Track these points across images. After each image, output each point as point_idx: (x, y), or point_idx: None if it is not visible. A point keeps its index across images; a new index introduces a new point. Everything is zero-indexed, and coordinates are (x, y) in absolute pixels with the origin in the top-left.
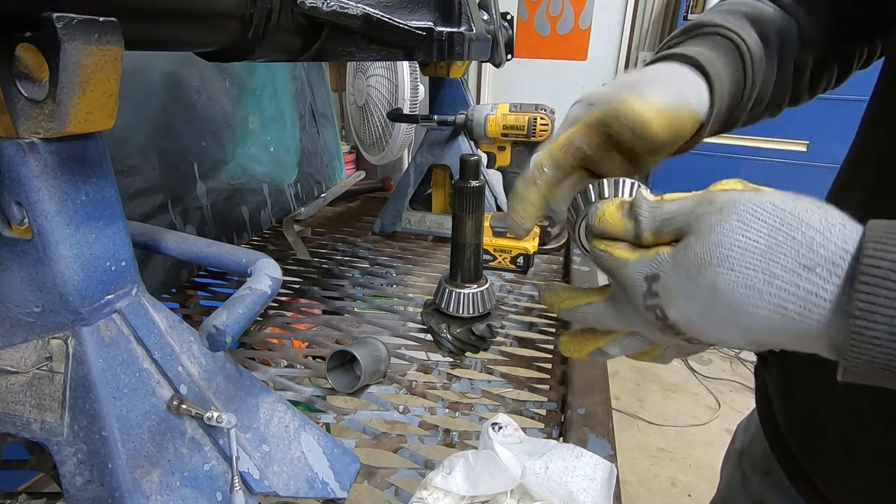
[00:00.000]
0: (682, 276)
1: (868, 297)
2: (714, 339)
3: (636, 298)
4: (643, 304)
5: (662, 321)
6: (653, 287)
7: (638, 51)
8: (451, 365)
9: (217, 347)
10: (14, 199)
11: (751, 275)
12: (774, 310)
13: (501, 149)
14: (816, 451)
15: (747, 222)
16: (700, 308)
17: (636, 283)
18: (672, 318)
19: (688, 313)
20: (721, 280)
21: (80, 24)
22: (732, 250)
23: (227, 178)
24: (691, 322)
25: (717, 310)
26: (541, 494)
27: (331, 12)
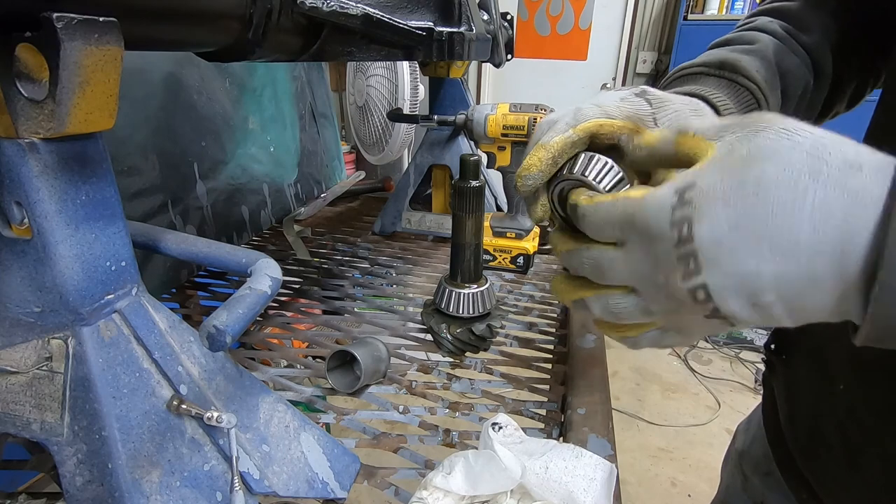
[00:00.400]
0: (724, 174)
1: None
2: (735, 272)
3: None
4: (667, 219)
5: (682, 245)
6: (685, 195)
7: (638, 51)
8: (451, 365)
9: (217, 347)
10: (14, 199)
11: (798, 167)
12: (817, 208)
13: (501, 149)
14: (817, 457)
15: (793, 128)
16: (734, 214)
17: (664, 200)
18: (697, 236)
19: (717, 223)
20: (767, 171)
21: (80, 24)
22: (781, 145)
23: (227, 178)
24: (717, 240)
25: (755, 216)
26: (541, 494)
27: (331, 12)
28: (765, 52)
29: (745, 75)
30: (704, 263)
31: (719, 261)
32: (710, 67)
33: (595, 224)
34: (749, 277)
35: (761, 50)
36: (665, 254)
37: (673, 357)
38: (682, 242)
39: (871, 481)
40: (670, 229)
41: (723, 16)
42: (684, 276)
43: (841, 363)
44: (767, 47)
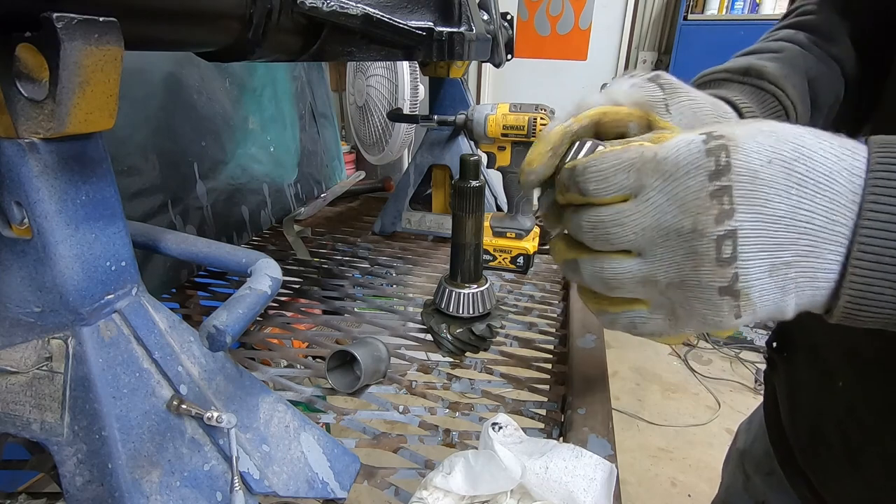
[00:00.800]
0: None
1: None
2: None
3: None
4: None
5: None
6: (714, 133)
7: (638, 51)
8: (451, 365)
9: (217, 347)
10: (14, 199)
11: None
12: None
13: (501, 149)
14: (818, 456)
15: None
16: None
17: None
18: (737, 165)
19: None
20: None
21: (80, 24)
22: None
23: (227, 178)
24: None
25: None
26: (541, 494)
27: (331, 12)
28: (793, 60)
29: (772, 81)
30: (741, 201)
31: (756, 198)
32: (734, 73)
33: (602, 172)
34: (779, 224)
35: (789, 58)
36: (697, 190)
37: (673, 357)
38: (719, 174)
39: (871, 479)
40: (706, 158)
41: (723, 16)
42: (717, 217)
43: (840, 361)
44: (795, 55)
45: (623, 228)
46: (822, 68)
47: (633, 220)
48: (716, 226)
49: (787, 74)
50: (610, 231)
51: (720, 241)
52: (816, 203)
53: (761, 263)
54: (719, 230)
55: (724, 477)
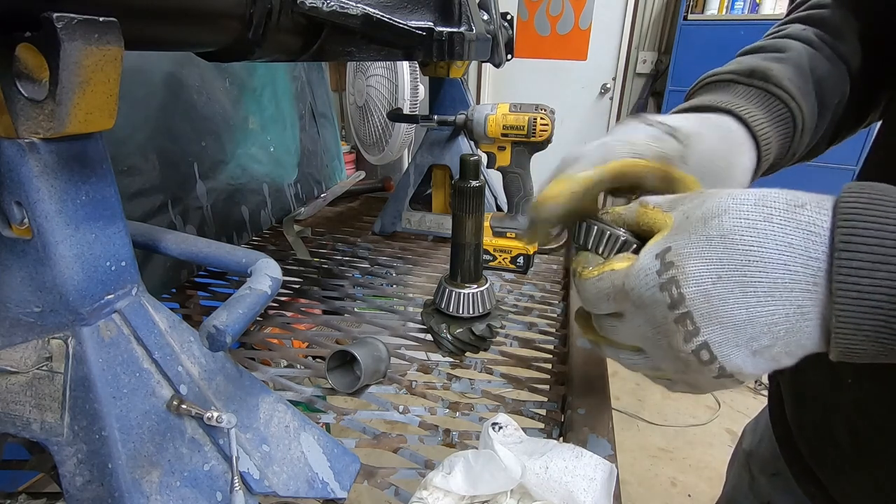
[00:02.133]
0: (692, 235)
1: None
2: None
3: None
4: (656, 285)
5: (676, 308)
6: (666, 258)
7: (638, 51)
8: (451, 365)
9: (217, 347)
10: (14, 199)
11: (752, 217)
12: (781, 247)
13: (501, 149)
14: (825, 452)
15: (730, 191)
16: (715, 267)
17: (648, 267)
18: (688, 295)
19: (702, 279)
20: (727, 223)
21: (80, 24)
22: (730, 204)
23: (227, 178)
24: (707, 295)
25: (731, 264)
26: (541, 494)
27: (331, 12)
28: (798, 60)
29: (777, 84)
30: (701, 320)
31: (714, 314)
32: (739, 75)
33: (589, 300)
34: (744, 325)
35: (793, 58)
36: (662, 318)
37: None
38: (675, 305)
39: (880, 476)
40: (661, 293)
41: (723, 16)
42: (685, 337)
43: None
44: (801, 55)
45: (621, 337)
46: (829, 67)
47: (626, 334)
48: (686, 344)
49: (791, 77)
50: (612, 338)
51: (696, 352)
52: (776, 297)
53: (740, 355)
54: (691, 346)
55: (728, 477)
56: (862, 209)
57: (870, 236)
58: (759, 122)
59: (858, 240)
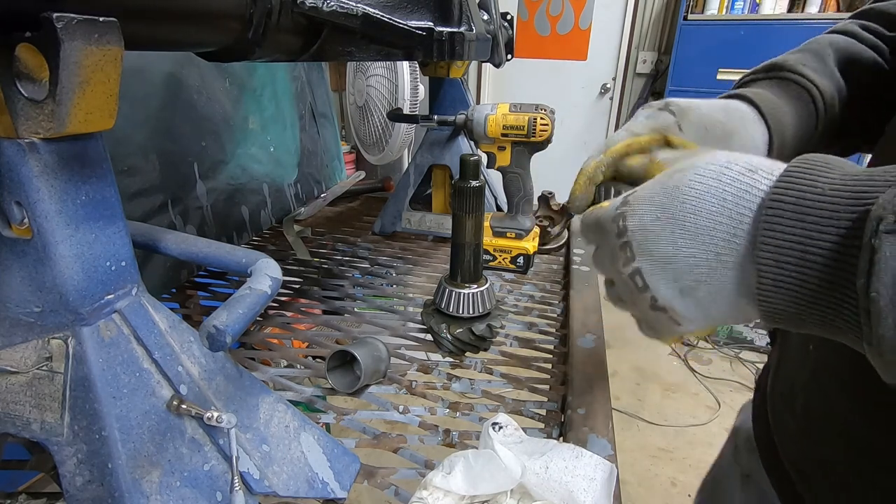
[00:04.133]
0: (657, 182)
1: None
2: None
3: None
4: (610, 216)
5: (621, 236)
6: (626, 198)
7: (638, 51)
8: (451, 365)
9: (217, 347)
10: (14, 199)
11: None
12: (716, 201)
13: (501, 149)
14: (785, 422)
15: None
16: (657, 209)
17: (615, 204)
18: (629, 227)
19: (644, 216)
20: (684, 179)
21: (80, 24)
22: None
23: (227, 178)
24: (643, 228)
25: (670, 208)
26: (541, 494)
27: (331, 12)
28: (814, 47)
29: (790, 69)
30: (637, 249)
31: (645, 246)
32: (759, 72)
33: (582, 231)
34: (670, 261)
35: (810, 47)
36: (612, 245)
37: (673, 357)
38: (620, 234)
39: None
40: (612, 223)
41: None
42: (624, 262)
43: None
44: (822, 43)
45: (599, 266)
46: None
47: (600, 262)
48: (624, 267)
49: (804, 61)
50: (596, 266)
51: (632, 277)
52: (697, 241)
53: (668, 288)
54: (628, 270)
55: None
56: (798, 175)
57: (793, 196)
58: (765, 98)
59: (784, 201)
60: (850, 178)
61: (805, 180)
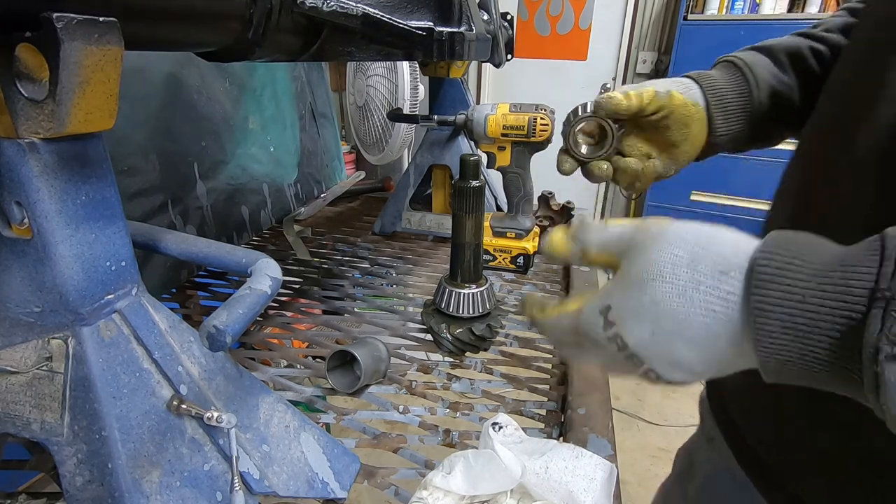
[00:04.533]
0: (628, 297)
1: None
2: (668, 360)
3: (597, 335)
4: (604, 336)
5: (624, 350)
6: (608, 317)
7: (638, 51)
8: (451, 365)
9: (217, 347)
10: (14, 199)
11: (682, 283)
12: (705, 313)
13: (501, 149)
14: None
15: (674, 242)
16: (649, 326)
17: (594, 322)
18: (631, 344)
19: (641, 334)
20: (658, 291)
21: (80, 24)
22: (664, 266)
23: (227, 178)
24: (646, 345)
25: (662, 324)
26: (541, 494)
27: (331, 12)
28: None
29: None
30: (645, 358)
31: (654, 356)
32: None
33: (555, 336)
34: (680, 362)
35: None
36: (614, 355)
37: None
38: (622, 350)
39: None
40: (609, 343)
41: (723, 16)
42: (635, 365)
43: None
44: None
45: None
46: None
47: (590, 360)
48: (637, 369)
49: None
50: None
51: (646, 374)
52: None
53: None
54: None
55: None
56: (772, 280)
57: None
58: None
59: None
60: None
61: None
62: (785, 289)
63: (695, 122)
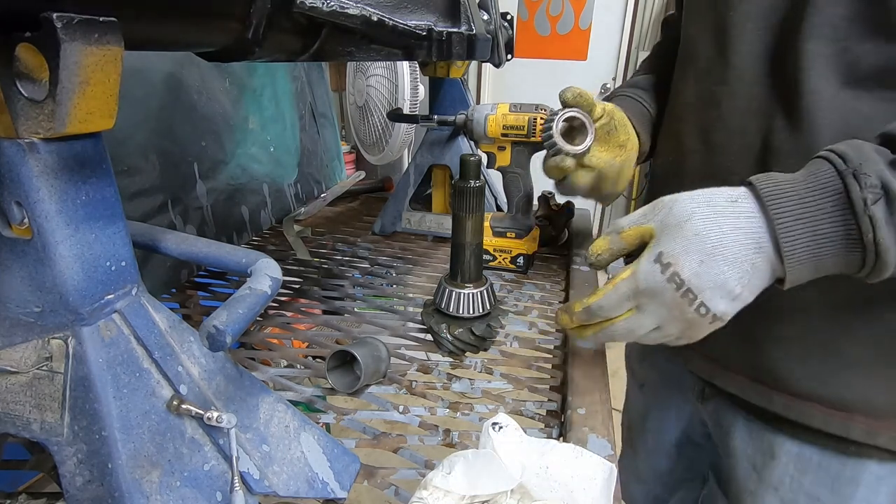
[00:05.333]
0: (674, 239)
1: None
2: (715, 283)
3: (656, 281)
4: (663, 280)
5: (680, 288)
6: (663, 260)
7: (638, 51)
8: (451, 365)
9: (217, 347)
10: (14, 199)
11: (709, 216)
12: (733, 230)
13: (501, 149)
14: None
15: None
16: (697, 255)
17: (652, 269)
18: (685, 277)
19: (692, 264)
20: (696, 226)
21: (80, 24)
22: (690, 208)
23: (227, 178)
24: (697, 273)
25: (705, 248)
26: (541, 494)
27: (331, 12)
28: (632, 82)
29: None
30: (697, 289)
31: (703, 283)
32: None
33: (612, 306)
34: (724, 284)
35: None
36: (672, 299)
37: None
38: (679, 287)
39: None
40: (668, 283)
41: None
42: (689, 303)
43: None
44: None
45: (642, 328)
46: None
47: (646, 321)
48: (690, 307)
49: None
50: (634, 331)
51: (697, 310)
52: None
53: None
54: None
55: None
56: (774, 192)
57: (786, 207)
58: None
59: (782, 211)
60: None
61: (783, 196)
62: (786, 196)
63: (629, 125)
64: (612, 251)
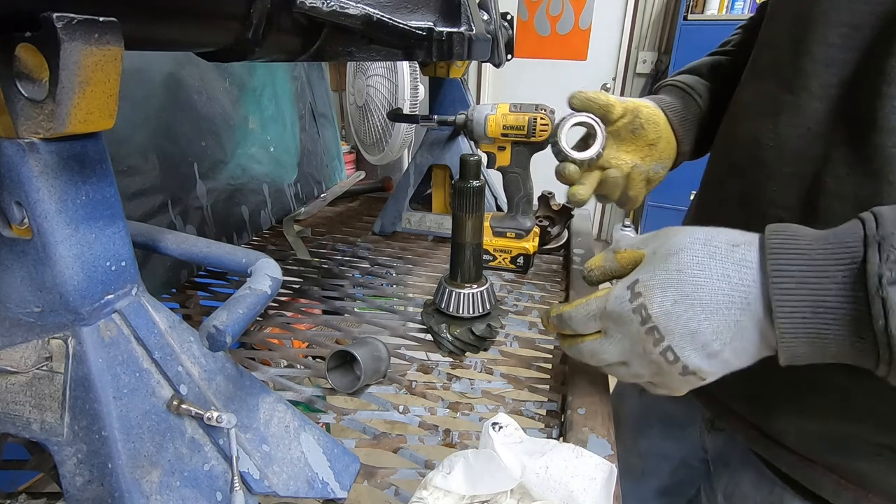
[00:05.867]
0: (654, 270)
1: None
2: (686, 330)
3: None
4: (629, 308)
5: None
6: (635, 289)
7: (638, 51)
8: (451, 365)
9: (217, 347)
10: (14, 199)
11: (699, 255)
12: (721, 277)
13: (501, 149)
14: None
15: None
16: (671, 294)
17: (622, 295)
18: (653, 314)
19: (663, 302)
20: (681, 262)
21: (80, 24)
22: (684, 242)
23: (227, 178)
24: (667, 313)
25: (683, 290)
26: (541, 494)
27: (331, 12)
28: (693, 65)
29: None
30: (664, 330)
31: (673, 327)
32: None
33: (580, 321)
34: (696, 334)
35: (688, 67)
36: (636, 332)
37: None
38: (644, 321)
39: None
40: (633, 314)
41: (723, 16)
42: (654, 343)
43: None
44: (695, 63)
45: (606, 354)
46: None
47: (611, 349)
48: (655, 348)
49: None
50: (598, 356)
51: (663, 354)
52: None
53: (696, 356)
54: (659, 349)
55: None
56: (782, 246)
57: (791, 266)
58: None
59: (784, 270)
60: (823, 244)
61: (791, 252)
62: (794, 253)
63: (662, 122)
64: (605, 270)
